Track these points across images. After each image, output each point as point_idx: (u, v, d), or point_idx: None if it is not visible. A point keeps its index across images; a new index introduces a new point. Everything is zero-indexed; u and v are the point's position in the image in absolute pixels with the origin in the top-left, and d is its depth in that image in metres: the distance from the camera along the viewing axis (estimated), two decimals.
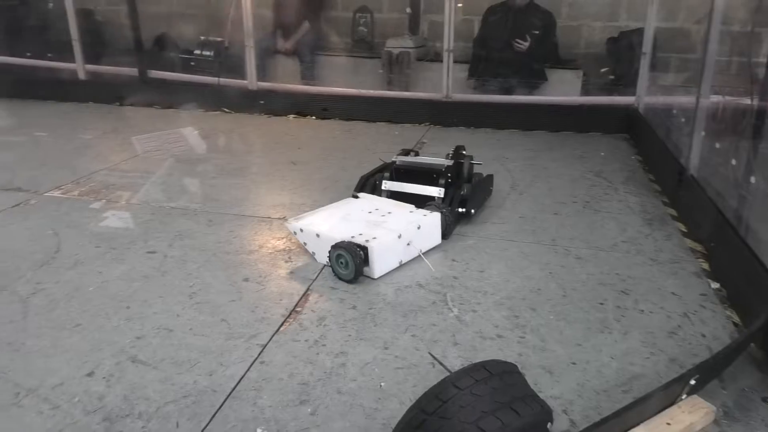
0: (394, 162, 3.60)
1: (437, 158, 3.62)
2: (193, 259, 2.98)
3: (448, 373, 1.64)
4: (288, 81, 6.74)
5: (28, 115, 6.23)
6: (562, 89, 6.35)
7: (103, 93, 6.72)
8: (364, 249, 2.68)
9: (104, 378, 2.08)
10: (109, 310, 2.52)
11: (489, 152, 4.88)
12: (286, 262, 2.94)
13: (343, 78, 7.00)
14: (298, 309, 2.52)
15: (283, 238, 3.21)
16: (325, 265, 2.87)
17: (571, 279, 2.79)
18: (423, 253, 2.92)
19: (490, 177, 3.79)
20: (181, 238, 3.23)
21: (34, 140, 5.31)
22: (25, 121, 6.00)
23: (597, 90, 6.39)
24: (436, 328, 2.39)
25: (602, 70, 6.61)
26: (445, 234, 3.14)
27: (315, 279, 2.77)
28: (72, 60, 6.79)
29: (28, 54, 7.12)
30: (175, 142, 5.28)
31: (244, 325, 2.40)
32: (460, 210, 3.33)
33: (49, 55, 7.11)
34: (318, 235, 2.86)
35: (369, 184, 3.57)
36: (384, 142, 5.29)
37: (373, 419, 1.88)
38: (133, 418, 1.89)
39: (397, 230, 2.83)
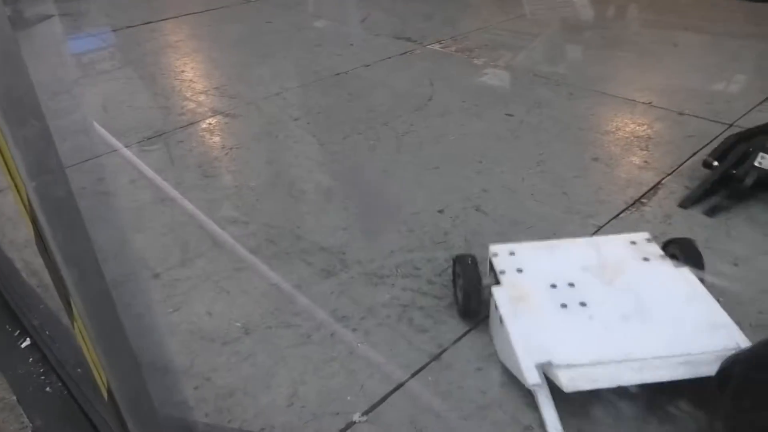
0: None
1: None
2: (546, 129, 3.01)
3: None
4: None
5: None
6: None
7: None
8: None
9: (451, 218, 2.35)
10: (463, 160, 2.76)
11: None
12: (642, 150, 2.77)
13: None
14: (644, 200, 2.39)
15: (644, 124, 3.00)
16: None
17: None
18: None
19: None
20: (539, 106, 3.27)
21: None
22: None
23: None
24: None
25: None
26: None
27: (671, 173, 2.56)
28: None
29: None
30: (561, 7, 5.17)
31: (584, 203, 2.39)
32: None
33: None
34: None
35: (736, 153, 2.37)
36: None
37: None
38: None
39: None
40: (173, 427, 1.11)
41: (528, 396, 1.57)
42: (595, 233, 2.21)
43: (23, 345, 1.90)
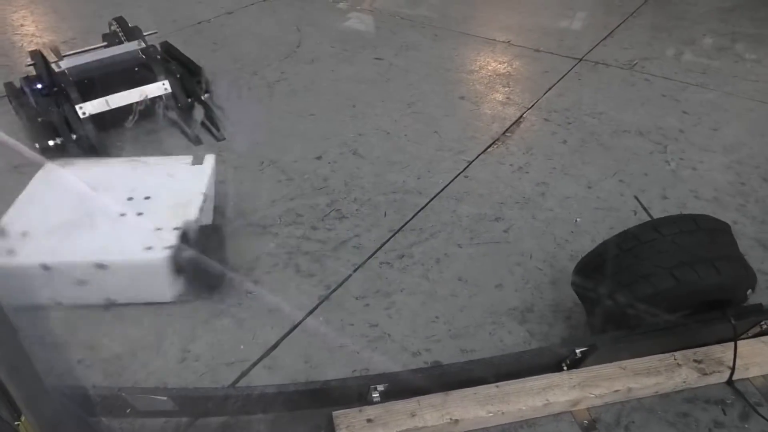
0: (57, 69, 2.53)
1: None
2: (415, 71, 3.08)
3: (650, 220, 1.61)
4: None
5: None
6: None
7: None
8: None
9: (329, 163, 2.37)
10: (337, 106, 2.77)
11: None
12: (504, 86, 2.92)
13: None
14: (508, 134, 2.55)
15: (504, 62, 3.16)
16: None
17: None
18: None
19: None
20: (406, 48, 3.33)
21: None
22: None
23: None
24: (647, 178, 2.29)
25: None
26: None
27: (530, 107, 2.74)
28: None
29: None
30: None
31: (455, 140, 2.51)
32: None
33: None
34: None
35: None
36: None
37: (562, 248, 1.95)
38: (349, 201, 2.17)
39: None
40: (62, 394, 1.08)
41: (417, 331, 1.67)
42: (465, 168, 2.33)
43: None
